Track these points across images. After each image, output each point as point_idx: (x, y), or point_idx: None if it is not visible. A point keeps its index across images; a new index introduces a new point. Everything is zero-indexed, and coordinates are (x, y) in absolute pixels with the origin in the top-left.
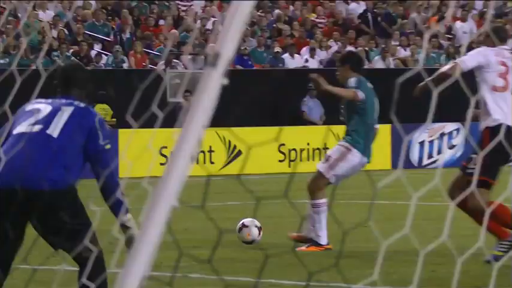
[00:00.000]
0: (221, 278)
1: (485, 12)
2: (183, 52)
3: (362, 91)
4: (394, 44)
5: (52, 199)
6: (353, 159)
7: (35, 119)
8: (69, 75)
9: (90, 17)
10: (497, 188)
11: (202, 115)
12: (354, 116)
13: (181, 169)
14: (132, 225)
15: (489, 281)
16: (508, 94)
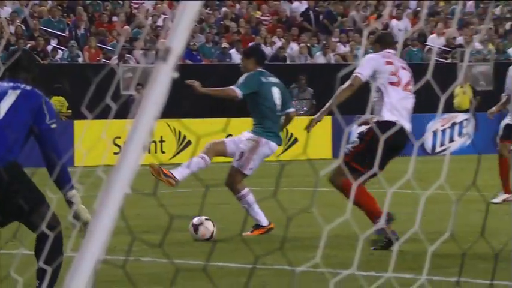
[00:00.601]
0: (172, 262)
1: (419, 11)
2: (135, 47)
3: (253, 84)
4: (334, 41)
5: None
6: (263, 150)
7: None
8: (16, 60)
9: (46, 14)
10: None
11: (153, 107)
12: (255, 108)
13: (133, 158)
14: (76, 201)
15: (424, 263)
16: (401, 90)
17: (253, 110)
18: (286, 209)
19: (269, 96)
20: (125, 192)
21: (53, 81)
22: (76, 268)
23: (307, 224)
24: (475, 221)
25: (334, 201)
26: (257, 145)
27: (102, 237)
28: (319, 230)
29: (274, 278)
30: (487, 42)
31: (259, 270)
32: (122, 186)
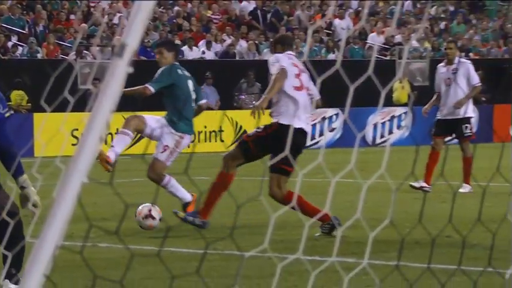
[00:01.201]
0: (127, 247)
1: (360, 11)
2: (92, 44)
3: (169, 78)
4: None
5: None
6: (184, 143)
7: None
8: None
9: (6, 12)
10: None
11: (109, 101)
12: (174, 100)
13: (90, 149)
14: (27, 185)
15: (365, 248)
16: (304, 94)
17: (171, 102)
18: (235, 197)
19: (186, 88)
20: (82, 181)
21: (14, 76)
22: (36, 254)
23: (256, 212)
24: (413, 208)
25: None
26: (181, 140)
27: (60, 224)
28: (267, 217)
29: (224, 263)
30: (423, 41)
31: (210, 255)
32: (79, 176)
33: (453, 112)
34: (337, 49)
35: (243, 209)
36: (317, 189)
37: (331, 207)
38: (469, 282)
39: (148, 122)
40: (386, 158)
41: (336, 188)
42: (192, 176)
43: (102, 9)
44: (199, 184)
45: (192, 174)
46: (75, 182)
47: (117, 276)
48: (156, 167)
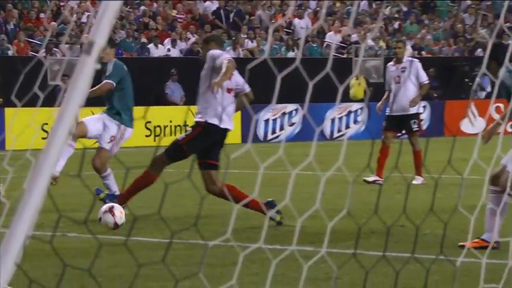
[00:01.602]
0: (95, 237)
1: (318, 11)
2: (61, 41)
3: (121, 72)
4: (243, 37)
5: None
6: (127, 135)
7: None
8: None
9: None
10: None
11: (78, 96)
12: (115, 97)
13: (60, 142)
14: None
15: (324, 237)
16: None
17: (119, 96)
18: (199, 189)
19: (130, 83)
20: (52, 173)
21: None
22: (7, 243)
23: (219, 203)
24: (369, 199)
25: (243, 182)
26: (124, 132)
27: (31, 214)
28: (230, 208)
29: (188, 252)
30: (378, 40)
31: (175, 244)
32: (49, 168)
33: (402, 108)
34: (296, 47)
35: (207, 200)
36: (278, 181)
37: (291, 199)
38: (422, 269)
39: (89, 126)
40: (343, 151)
41: (295, 180)
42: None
43: (70, 8)
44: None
45: None
46: (45, 174)
47: (86, 264)
48: (103, 156)
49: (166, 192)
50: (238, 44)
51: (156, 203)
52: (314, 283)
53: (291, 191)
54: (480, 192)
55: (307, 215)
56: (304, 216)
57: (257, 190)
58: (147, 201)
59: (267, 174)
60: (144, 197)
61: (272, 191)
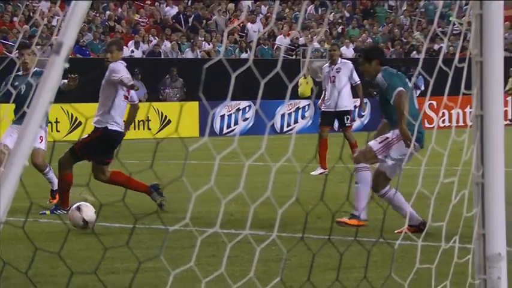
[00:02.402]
0: (64, 222)
1: (269, 16)
2: (32, 43)
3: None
4: (200, 40)
5: None
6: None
7: None
8: None
9: None
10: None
11: (48, 93)
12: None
13: (31, 136)
14: None
15: (274, 222)
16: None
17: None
18: (161, 178)
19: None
20: (25, 164)
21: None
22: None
23: (179, 191)
24: (315, 187)
25: (200, 171)
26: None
27: (5, 202)
28: (188, 195)
29: (151, 236)
30: (323, 42)
31: (139, 229)
32: (22, 159)
33: (335, 105)
34: (249, 49)
35: (167, 188)
36: (232, 171)
37: (244, 187)
38: (364, 251)
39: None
40: (292, 144)
41: (248, 170)
42: (122, 160)
43: (41, 12)
44: (128, 166)
45: (122, 158)
46: (18, 164)
47: (56, 248)
48: (41, 155)
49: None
50: (196, 45)
51: (121, 191)
52: (265, 264)
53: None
54: (416, 181)
55: (259, 202)
56: (256, 203)
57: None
58: (112, 190)
59: (222, 165)
60: (110, 186)
61: (227, 180)
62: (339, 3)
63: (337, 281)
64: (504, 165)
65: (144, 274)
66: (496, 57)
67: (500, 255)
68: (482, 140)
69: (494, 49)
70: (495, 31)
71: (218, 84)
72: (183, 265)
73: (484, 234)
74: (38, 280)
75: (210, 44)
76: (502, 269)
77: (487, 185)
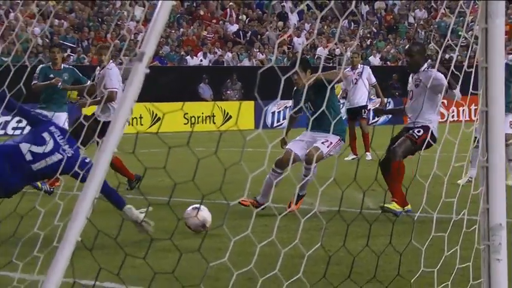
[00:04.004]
0: (146, 198)
1: (311, 31)
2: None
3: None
4: (255, 51)
5: None
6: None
7: None
8: None
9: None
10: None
11: (133, 93)
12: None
13: (120, 127)
14: None
15: (317, 198)
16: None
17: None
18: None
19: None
20: (114, 151)
21: None
22: (80, 201)
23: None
24: (349, 170)
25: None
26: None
27: (98, 181)
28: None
29: (215, 209)
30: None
31: (205, 204)
32: (111, 147)
33: (357, 102)
34: (295, 58)
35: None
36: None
37: (291, 170)
38: (389, 222)
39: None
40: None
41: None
42: (192, 148)
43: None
44: (197, 153)
45: (192, 146)
46: (108, 150)
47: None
48: None
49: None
50: (252, 55)
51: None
52: (308, 232)
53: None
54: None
55: (300, 184)
56: (299, 184)
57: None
58: (180, 172)
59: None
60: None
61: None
62: (368, 21)
63: (367, 246)
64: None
65: (210, 239)
66: (498, 64)
67: (501, 226)
68: (486, 131)
69: (497, 57)
70: (498, 42)
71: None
72: (241, 232)
73: (488, 208)
74: (125, 244)
75: (263, 54)
76: (503, 237)
77: (491, 168)
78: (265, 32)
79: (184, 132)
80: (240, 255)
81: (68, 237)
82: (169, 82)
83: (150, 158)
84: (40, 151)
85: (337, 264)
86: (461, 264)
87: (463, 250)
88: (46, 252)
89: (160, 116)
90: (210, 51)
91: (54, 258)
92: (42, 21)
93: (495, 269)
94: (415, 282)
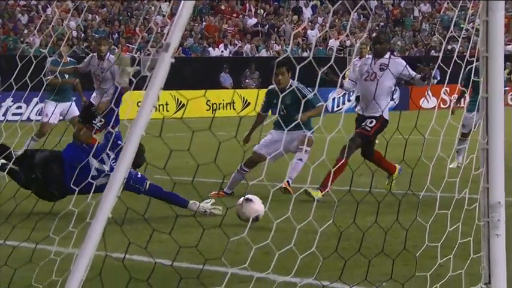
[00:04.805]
0: (172, 178)
1: (323, 24)
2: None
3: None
4: (272, 42)
5: None
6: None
7: None
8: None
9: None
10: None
11: (159, 81)
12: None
13: (148, 112)
14: None
15: (329, 178)
16: None
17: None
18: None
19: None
20: (142, 134)
21: None
22: (112, 181)
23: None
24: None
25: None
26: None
27: (127, 162)
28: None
29: (237, 188)
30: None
31: (225, 183)
32: (139, 131)
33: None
34: (308, 49)
35: (248, 151)
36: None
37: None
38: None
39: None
40: (342, 120)
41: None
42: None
43: (155, 22)
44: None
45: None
46: (136, 135)
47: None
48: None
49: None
50: (269, 47)
51: (213, 156)
52: (320, 210)
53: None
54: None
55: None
56: (314, 164)
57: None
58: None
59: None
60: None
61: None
62: (376, 15)
63: (376, 223)
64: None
65: (230, 216)
66: (498, 53)
67: (499, 203)
68: (487, 115)
69: (497, 47)
70: (498, 33)
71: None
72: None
73: (488, 188)
74: (152, 221)
75: (279, 46)
76: (501, 214)
77: (491, 150)
78: (281, 25)
79: (206, 117)
80: (258, 230)
81: (100, 214)
82: (193, 72)
83: (175, 142)
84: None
85: (347, 240)
86: (462, 239)
87: (465, 226)
88: (80, 228)
89: (184, 102)
90: (231, 43)
91: (88, 233)
92: (76, 15)
93: (494, 243)
94: (420, 256)
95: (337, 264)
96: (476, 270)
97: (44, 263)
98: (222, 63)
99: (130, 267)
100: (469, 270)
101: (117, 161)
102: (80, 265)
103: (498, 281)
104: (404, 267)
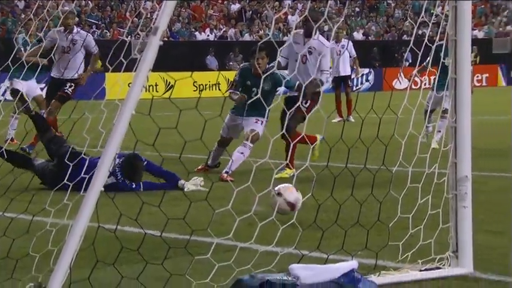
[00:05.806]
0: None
1: (303, 10)
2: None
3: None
4: (255, 27)
5: None
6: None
7: None
8: None
9: None
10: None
11: (148, 63)
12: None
13: (137, 93)
14: None
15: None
16: None
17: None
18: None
19: None
20: (132, 113)
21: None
22: (103, 158)
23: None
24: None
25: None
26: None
27: (118, 140)
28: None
29: (241, 169)
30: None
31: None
32: (128, 110)
33: (342, 71)
34: (289, 33)
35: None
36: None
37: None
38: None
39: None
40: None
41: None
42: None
43: (145, 7)
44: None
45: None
46: (126, 114)
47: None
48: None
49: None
50: (252, 31)
51: (199, 133)
52: (300, 184)
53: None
54: (408, 125)
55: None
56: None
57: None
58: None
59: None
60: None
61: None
62: (352, 1)
63: (352, 196)
64: (471, 115)
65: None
66: (466, 37)
67: (466, 177)
68: (455, 95)
69: (465, 31)
70: (465, 18)
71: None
72: (243, 184)
73: (456, 163)
74: (142, 194)
75: (262, 30)
76: (468, 187)
77: (459, 128)
78: (263, 11)
79: (193, 98)
80: (242, 203)
81: (93, 187)
82: (180, 54)
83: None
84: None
85: (325, 212)
86: (432, 211)
87: (434, 199)
88: (74, 201)
89: (172, 83)
90: (216, 28)
91: (81, 206)
92: (70, 1)
93: (461, 214)
94: (393, 227)
95: (316, 234)
96: (445, 239)
97: (40, 234)
98: (208, 46)
99: (122, 237)
100: (438, 240)
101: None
102: (74, 235)
103: (465, 249)
104: (378, 237)
